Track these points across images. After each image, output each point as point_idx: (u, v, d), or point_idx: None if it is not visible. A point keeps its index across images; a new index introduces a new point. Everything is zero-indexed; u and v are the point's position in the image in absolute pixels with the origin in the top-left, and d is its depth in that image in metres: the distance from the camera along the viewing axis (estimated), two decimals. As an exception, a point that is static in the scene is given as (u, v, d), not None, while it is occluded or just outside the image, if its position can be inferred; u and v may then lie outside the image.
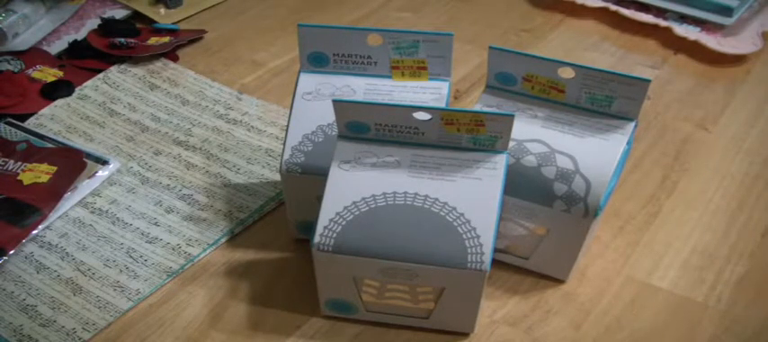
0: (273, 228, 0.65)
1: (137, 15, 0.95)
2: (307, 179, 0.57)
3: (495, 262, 0.57)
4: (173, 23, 0.93)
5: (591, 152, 0.55)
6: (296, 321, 0.57)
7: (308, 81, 0.60)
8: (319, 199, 0.53)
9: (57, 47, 0.88)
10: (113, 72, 0.84)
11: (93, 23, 0.92)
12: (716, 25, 0.87)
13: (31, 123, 0.77)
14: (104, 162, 0.71)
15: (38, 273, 0.61)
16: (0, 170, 0.69)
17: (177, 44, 0.88)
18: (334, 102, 0.52)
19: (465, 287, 0.52)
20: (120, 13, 0.94)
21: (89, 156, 0.71)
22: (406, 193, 0.52)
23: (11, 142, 0.73)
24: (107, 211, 0.67)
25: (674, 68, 0.85)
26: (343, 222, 0.51)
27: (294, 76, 0.61)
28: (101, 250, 0.63)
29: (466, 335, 0.56)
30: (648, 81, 0.53)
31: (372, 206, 0.52)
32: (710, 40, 0.86)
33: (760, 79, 0.83)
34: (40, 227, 0.65)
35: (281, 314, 0.58)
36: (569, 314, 0.58)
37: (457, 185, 0.52)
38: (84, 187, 0.69)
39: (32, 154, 0.71)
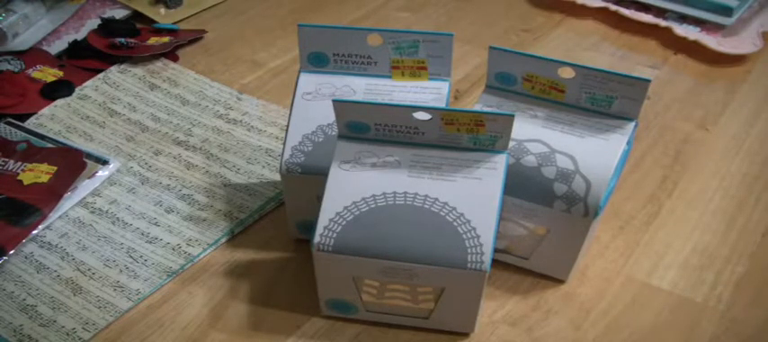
0: (273, 228, 0.65)
1: (137, 15, 0.95)
2: (307, 179, 0.57)
3: (495, 262, 0.57)
4: (173, 23, 0.93)
5: (591, 152, 0.55)
6: (296, 321, 0.57)
7: (308, 81, 0.60)
8: (319, 199, 0.53)
9: (57, 47, 0.88)
10: (113, 72, 0.84)
11: (93, 23, 0.92)
12: (716, 25, 0.87)
13: (31, 123, 0.77)
14: (104, 162, 0.71)
15: (38, 273, 0.61)
16: (0, 170, 0.70)
17: (177, 44, 0.88)
18: (334, 102, 0.52)
19: (465, 287, 0.52)
20: (120, 13, 0.94)
21: (89, 156, 0.72)
22: (406, 193, 0.52)
23: (11, 142, 0.73)
24: (107, 211, 0.67)
25: (674, 68, 0.85)
26: (343, 222, 0.51)
27: (294, 76, 0.61)
28: (101, 250, 0.63)
29: (466, 335, 0.56)
30: (648, 81, 0.53)
31: (372, 206, 0.52)
32: (710, 40, 0.86)
33: (760, 79, 0.84)
34: (40, 227, 0.65)
35: (281, 314, 0.58)
36: (569, 314, 0.58)
37: (457, 185, 0.52)
38: (84, 187, 0.69)
39: (32, 154, 0.71)
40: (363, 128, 0.53)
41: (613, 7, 0.92)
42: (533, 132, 0.56)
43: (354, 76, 0.60)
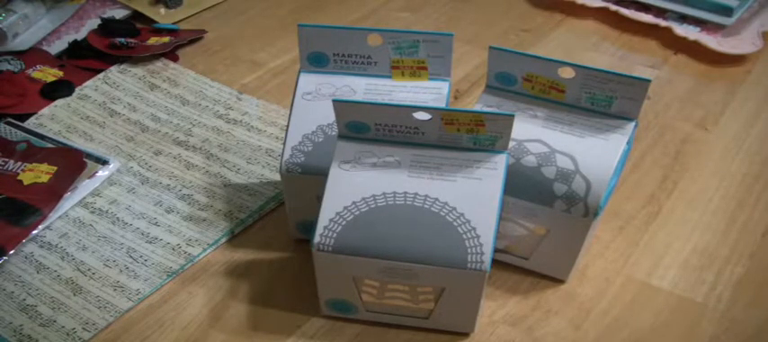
0: (273, 228, 0.65)
1: (137, 15, 0.95)
2: (307, 179, 0.57)
3: (495, 262, 0.57)
4: (173, 23, 0.93)
5: (591, 152, 0.55)
6: (296, 321, 0.57)
7: (308, 81, 0.60)
8: (319, 199, 0.53)
9: (57, 47, 0.88)
10: (113, 72, 0.84)
11: (93, 23, 0.92)
12: (716, 25, 0.87)
13: (31, 123, 0.77)
14: (104, 162, 0.71)
15: (38, 273, 0.61)
16: (0, 170, 0.69)
17: (177, 44, 0.88)
18: (334, 102, 0.52)
19: (465, 287, 0.52)
20: (120, 13, 0.94)
21: (89, 156, 0.72)
22: (406, 193, 0.52)
23: (11, 142, 0.73)
24: (107, 211, 0.67)
25: (674, 68, 0.85)
26: (343, 222, 0.51)
27: (294, 76, 0.61)
28: (101, 250, 0.63)
29: (466, 335, 0.56)
30: (648, 81, 0.53)
31: (372, 206, 0.52)
32: (710, 41, 0.86)
33: (760, 79, 0.84)
34: (40, 227, 0.65)
35: (281, 314, 0.58)
36: (569, 314, 0.58)
37: (457, 185, 0.52)
38: (84, 187, 0.69)
39: (32, 154, 0.71)
40: (363, 128, 0.53)
41: (613, 7, 0.92)
42: (533, 132, 0.56)
43: (354, 76, 0.60)
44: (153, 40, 0.88)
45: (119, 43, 0.86)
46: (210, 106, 0.79)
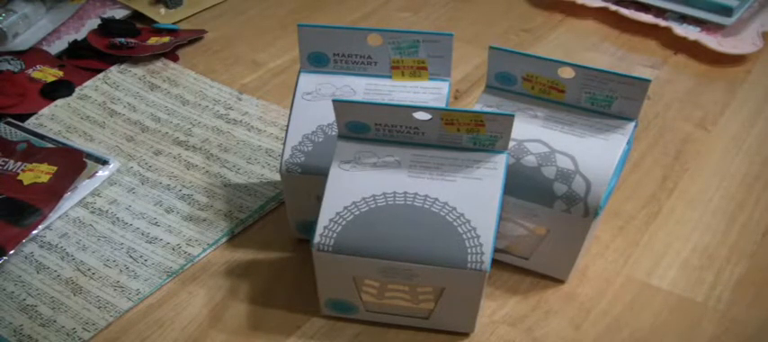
0: (273, 228, 0.65)
1: (137, 15, 0.95)
2: (307, 179, 0.57)
3: (495, 262, 0.57)
4: (173, 23, 0.93)
5: (591, 152, 0.55)
6: (296, 321, 0.57)
7: (308, 81, 0.60)
8: (319, 199, 0.53)
9: (57, 47, 0.88)
10: (113, 72, 0.84)
11: (93, 23, 0.92)
12: (716, 25, 0.87)
13: (31, 123, 0.77)
14: (104, 162, 0.71)
15: (38, 273, 0.61)
16: (0, 170, 0.70)
17: (177, 44, 0.88)
18: (334, 102, 0.52)
19: (465, 287, 0.52)
20: (120, 13, 0.94)
21: (89, 156, 0.72)
22: (406, 193, 0.52)
23: (11, 142, 0.73)
24: (107, 211, 0.67)
25: (674, 68, 0.85)
26: (344, 222, 0.51)
27: (294, 76, 0.61)
28: (101, 250, 0.63)
29: (466, 335, 0.56)
30: (648, 81, 0.53)
31: (372, 206, 0.52)
32: (710, 40, 0.86)
33: (760, 79, 0.84)
34: (40, 227, 0.65)
35: (281, 314, 0.58)
36: (569, 314, 0.58)
37: (457, 185, 0.52)
38: (84, 187, 0.69)
39: (32, 154, 0.71)
40: (363, 128, 0.53)
41: (613, 7, 0.92)
42: (533, 132, 0.56)
43: (354, 76, 0.60)
44: (153, 40, 0.88)
45: (119, 43, 0.86)
46: (210, 106, 0.79)
